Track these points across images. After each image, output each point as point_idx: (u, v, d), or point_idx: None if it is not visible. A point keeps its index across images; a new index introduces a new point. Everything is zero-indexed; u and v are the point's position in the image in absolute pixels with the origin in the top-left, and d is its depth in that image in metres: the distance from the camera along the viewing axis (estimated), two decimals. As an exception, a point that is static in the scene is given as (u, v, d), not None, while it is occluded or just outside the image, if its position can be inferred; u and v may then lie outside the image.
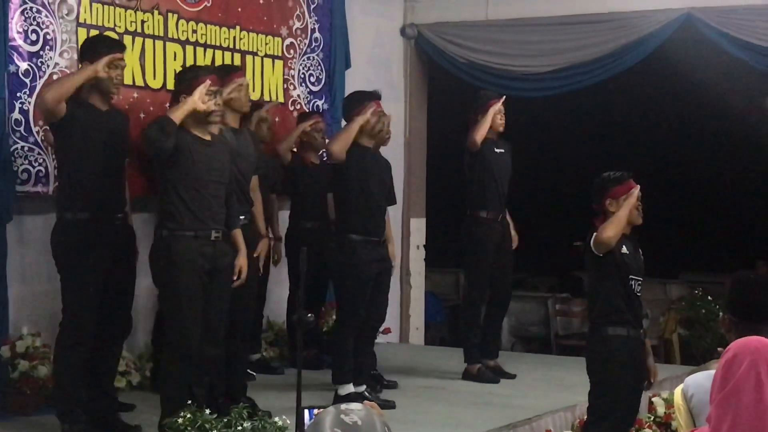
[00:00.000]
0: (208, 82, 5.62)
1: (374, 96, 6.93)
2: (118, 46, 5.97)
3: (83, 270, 5.69)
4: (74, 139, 5.71)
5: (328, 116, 8.56)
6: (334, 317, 7.62)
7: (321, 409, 2.53)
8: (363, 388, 6.83)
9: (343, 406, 2.47)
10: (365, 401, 2.65)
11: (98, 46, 5.87)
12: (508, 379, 7.88)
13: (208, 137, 5.72)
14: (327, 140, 7.73)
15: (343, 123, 7.43)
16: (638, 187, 5.57)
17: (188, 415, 5.13)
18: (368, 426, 2.43)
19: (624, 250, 5.48)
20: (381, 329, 7.83)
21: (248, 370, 7.02)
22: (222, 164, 5.76)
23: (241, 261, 5.90)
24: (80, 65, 5.91)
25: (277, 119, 8.14)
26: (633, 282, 5.53)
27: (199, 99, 5.55)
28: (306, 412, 3.43)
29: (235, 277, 5.87)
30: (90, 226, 5.72)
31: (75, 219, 5.72)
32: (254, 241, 6.43)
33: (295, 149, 8.03)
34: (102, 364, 5.98)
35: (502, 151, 7.82)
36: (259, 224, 6.67)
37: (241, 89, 6.42)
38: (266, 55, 8.21)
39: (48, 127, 6.13)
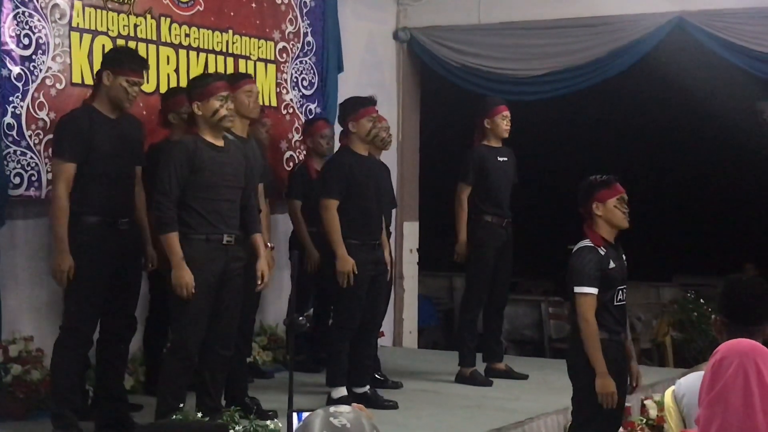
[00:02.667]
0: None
1: (370, 102, 6.95)
2: (141, 65, 6.00)
3: (87, 274, 5.71)
4: (82, 145, 5.72)
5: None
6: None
7: (311, 412, 2.53)
8: (366, 388, 6.88)
9: (332, 409, 2.46)
10: (354, 404, 2.65)
11: (123, 60, 5.89)
12: (519, 380, 7.96)
13: (221, 143, 5.76)
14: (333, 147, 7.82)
15: (338, 127, 7.47)
16: (624, 191, 5.55)
17: (180, 418, 5.14)
18: (357, 428, 2.43)
19: (611, 265, 5.44)
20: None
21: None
22: (236, 169, 5.80)
23: (263, 265, 5.94)
24: (104, 74, 5.85)
25: (270, 123, 8.15)
26: (619, 291, 5.51)
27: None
28: (295, 415, 3.42)
29: (259, 282, 5.92)
30: (96, 230, 5.75)
31: (81, 223, 5.73)
32: None
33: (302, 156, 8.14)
34: (108, 366, 6.02)
35: (506, 159, 7.88)
36: (264, 232, 6.69)
37: (251, 95, 6.47)
38: (259, 59, 8.21)
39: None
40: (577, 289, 5.36)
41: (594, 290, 5.34)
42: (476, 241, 7.78)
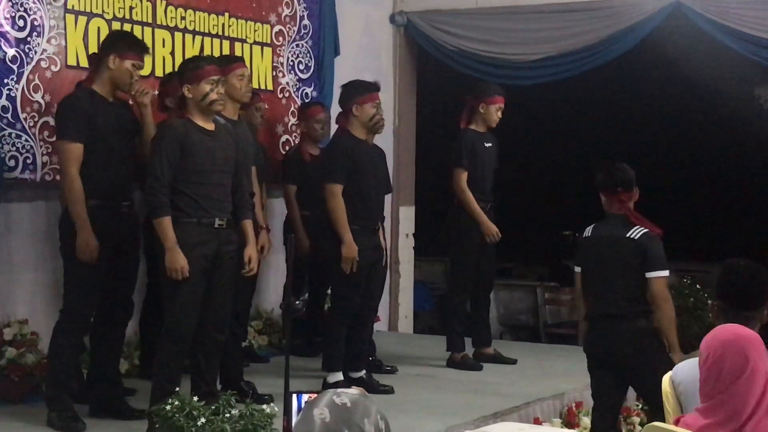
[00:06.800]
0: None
1: (375, 87, 6.94)
2: (144, 49, 6.00)
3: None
4: (86, 126, 5.72)
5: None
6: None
7: (309, 394, 2.54)
8: (362, 373, 6.89)
9: (340, 390, 2.50)
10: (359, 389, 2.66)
11: (129, 44, 5.91)
12: (508, 364, 7.96)
13: (211, 127, 5.74)
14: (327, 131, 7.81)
15: (334, 111, 7.44)
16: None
17: (176, 403, 5.13)
18: (359, 408, 2.44)
19: None
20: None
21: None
22: (226, 153, 5.78)
23: (251, 251, 5.92)
24: (110, 57, 5.82)
25: (266, 106, 8.14)
26: None
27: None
28: (294, 397, 3.41)
29: (246, 269, 5.91)
30: (98, 214, 5.74)
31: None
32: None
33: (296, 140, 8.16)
34: (104, 349, 6.03)
35: (490, 145, 7.89)
36: (258, 215, 6.67)
37: (242, 79, 6.44)
38: (255, 43, 8.18)
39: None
40: (662, 273, 5.64)
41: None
42: (460, 228, 7.75)
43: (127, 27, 7.05)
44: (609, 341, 5.64)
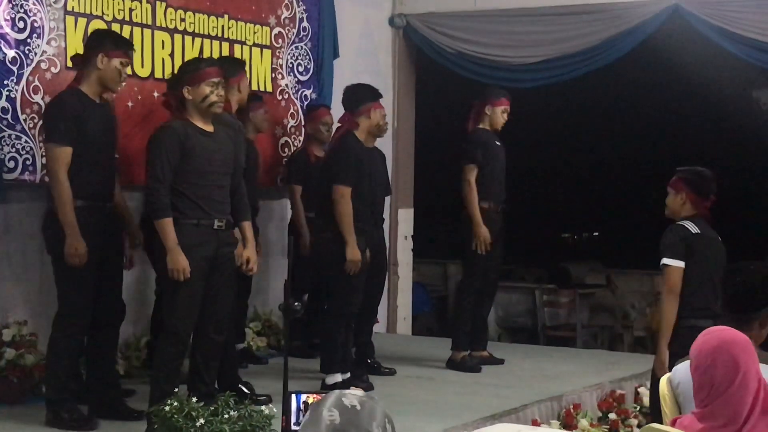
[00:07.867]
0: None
1: (377, 95, 6.97)
2: (130, 46, 6.02)
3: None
4: (75, 128, 5.72)
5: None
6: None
7: (308, 394, 2.53)
8: (347, 375, 6.88)
9: (347, 391, 2.50)
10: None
11: (115, 42, 5.91)
12: (497, 364, 7.96)
13: (210, 128, 5.75)
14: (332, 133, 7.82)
15: (335, 111, 7.43)
16: None
17: (175, 403, 5.14)
18: (367, 410, 2.44)
19: None
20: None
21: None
22: (225, 155, 5.80)
23: (250, 253, 5.94)
24: (97, 57, 5.81)
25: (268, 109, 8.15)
26: None
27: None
28: (293, 396, 3.41)
29: (243, 268, 5.93)
30: (83, 214, 5.73)
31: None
32: None
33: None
34: (99, 352, 6.03)
35: (499, 144, 7.89)
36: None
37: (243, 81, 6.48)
38: (254, 45, 8.19)
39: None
40: None
41: None
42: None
43: (126, 28, 7.06)
44: None
